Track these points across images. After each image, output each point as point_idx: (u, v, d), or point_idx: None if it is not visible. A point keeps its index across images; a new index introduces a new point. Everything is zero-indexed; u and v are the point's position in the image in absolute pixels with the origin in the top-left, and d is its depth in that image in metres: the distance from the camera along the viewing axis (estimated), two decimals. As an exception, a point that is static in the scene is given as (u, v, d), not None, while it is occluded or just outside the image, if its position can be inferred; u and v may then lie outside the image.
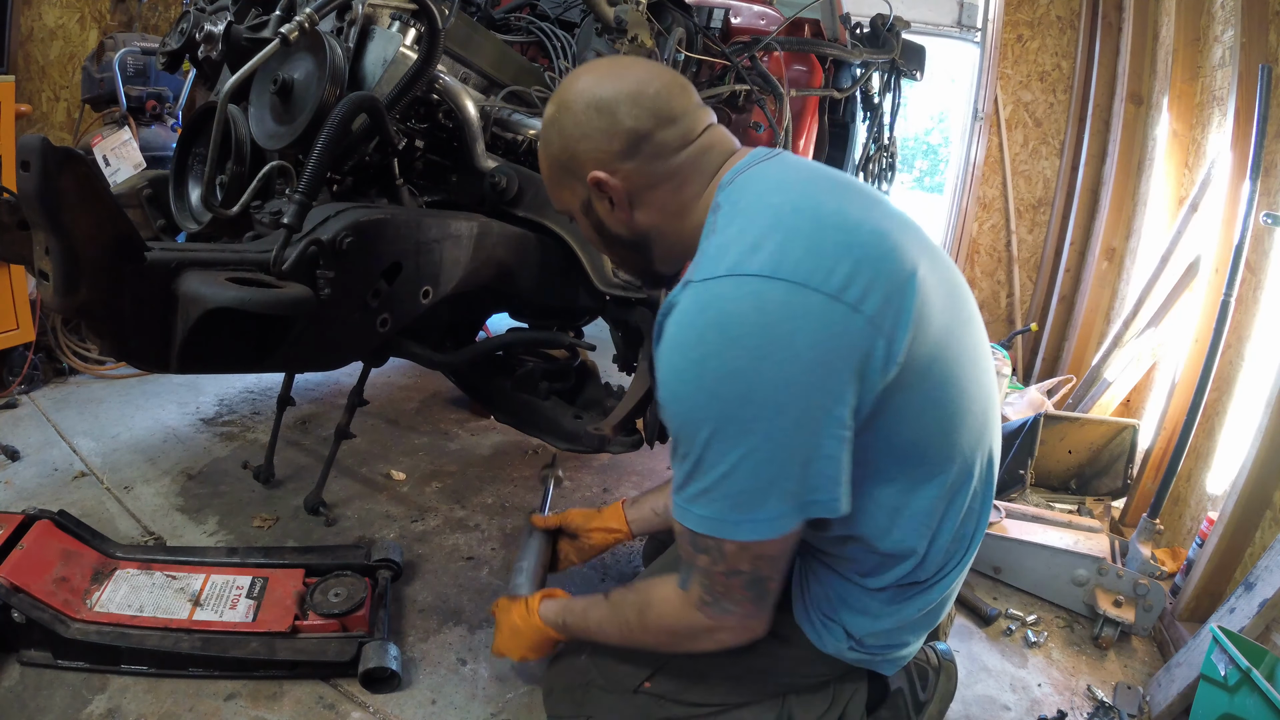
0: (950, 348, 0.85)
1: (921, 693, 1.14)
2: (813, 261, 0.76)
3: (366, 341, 1.18)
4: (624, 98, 0.88)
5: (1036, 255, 3.88)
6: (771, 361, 0.73)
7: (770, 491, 0.77)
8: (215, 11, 1.44)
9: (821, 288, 0.75)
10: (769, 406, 0.74)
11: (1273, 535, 1.59)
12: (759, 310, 0.74)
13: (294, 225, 1.01)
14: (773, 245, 0.76)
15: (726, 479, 0.78)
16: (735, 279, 0.76)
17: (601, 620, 1.07)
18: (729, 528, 0.80)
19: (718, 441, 0.76)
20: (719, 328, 0.75)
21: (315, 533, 1.80)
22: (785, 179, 0.86)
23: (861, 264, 0.77)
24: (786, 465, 0.76)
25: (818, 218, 0.80)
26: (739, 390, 0.74)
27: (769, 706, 1.08)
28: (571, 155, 0.91)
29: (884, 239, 0.81)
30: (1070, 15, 3.65)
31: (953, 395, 0.86)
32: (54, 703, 1.22)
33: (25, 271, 2.23)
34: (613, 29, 1.58)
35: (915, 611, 0.98)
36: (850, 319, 0.75)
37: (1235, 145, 2.21)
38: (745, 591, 0.87)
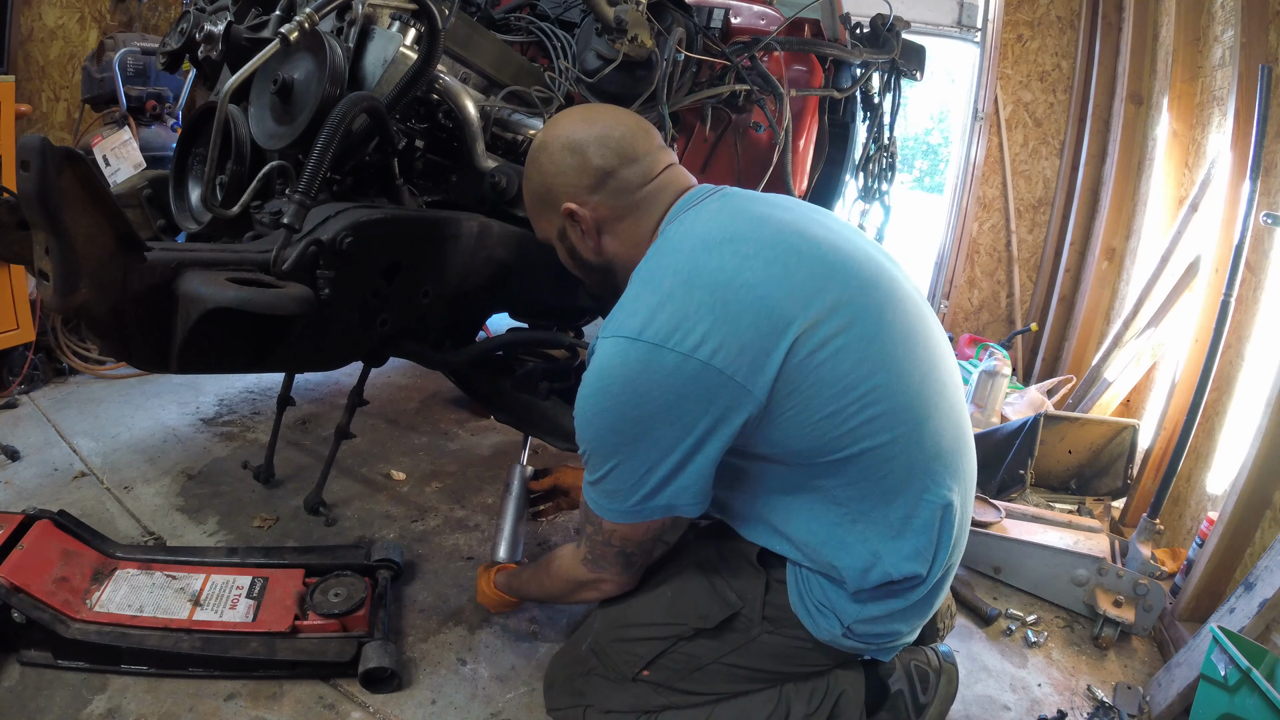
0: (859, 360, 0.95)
1: (922, 695, 1.14)
2: (674, 323, 0.92)
3: (366, 341, 1.19)
4: (593, 140, 1.04)
5: (1036, 255, 3.88)
6: (631, 404, 0.93)
7: (630, 494, 0.98)
8: (215, 11, 1.44)
9: (676, 348, 0.91)
10: (628, 437, 0.95)
11: (1273, 535, 1.59)
12: (624, 367, 0.93)
13: (294, 225, 1.01)
14: (645, 310, 0.94)
15: (603, 480, 1.00)
16: (613, 340, 0.95)
17: (528, 577, 1.32)
18: (604, 510, 1.02)
19: (595, 455, 0.99)
20: (598, 376, 0.95)
21: (315, 533, 1.80)
22: (689, 238, 0.99)
23: (719, 321, 0.91)
24: (642, 478, 0.97)
25: (691, 279, 0.94)
26: (608, 423, 0.96)
27: (766, 696, 1.09)
28: (549, 189, 1.07)
29: (750, 291, 0.93)
30: (1070, 15, 3.65)
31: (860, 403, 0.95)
32: (54, 703, 1.22)
33: (25, 271, 2.23)
34: (613, 29, 1.58)
35: (901, 604, 1.02)
36: (700, 371, 0.91)
37: (1235, 145, 2.21)
38: (615, 559, 1.10)
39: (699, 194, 1.06)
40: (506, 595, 1.40)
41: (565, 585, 1.21)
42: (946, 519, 1.01)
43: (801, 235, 0.99)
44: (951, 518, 1.01)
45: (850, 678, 1.10)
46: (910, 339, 1.00)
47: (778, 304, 0.93)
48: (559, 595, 1.27)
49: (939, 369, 1.03)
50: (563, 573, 1.20)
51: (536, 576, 1.30)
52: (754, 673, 1.09)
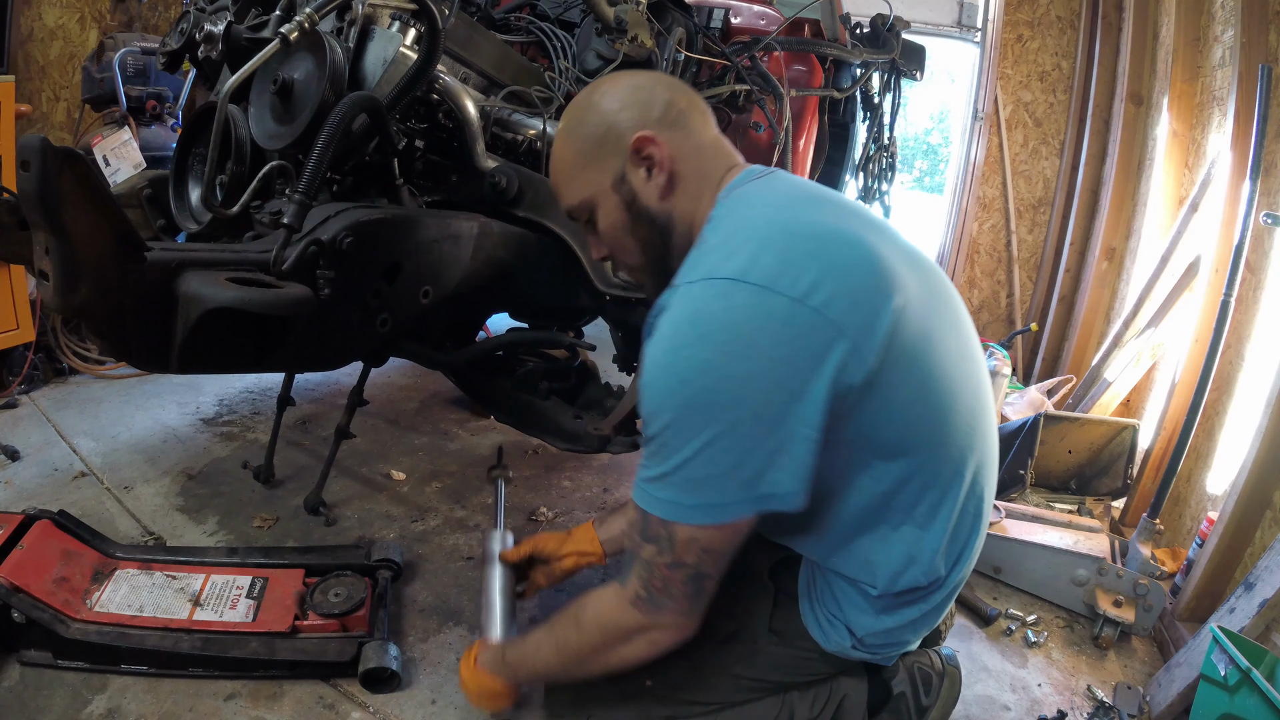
0: (932, 352, 0.89)
1: (924, 697, 1.13)
2: (780, 267, 0.81)
3: (366, 341, 1.18)
4: (656, 80, 0.98)
5: (1036, 255, 3.88)
6: (737, 357, 0.79)
7: (727, 479, 0.81)
8: (215, 11, 1.44)
9: (786, 291, 0.79)
10: (732, 398, 0.79)
11: (1273, 535, 1.59)
12: (727, 310, 0.80)
13: (294, 225, 1.01)
14: (746, 253, 0.82)
15: (687, 464, 0.81)
16: (709, 281, 0.82)
17: (540, 640, 1.06)
18: (683, 511, 0.84)
19: (683, 427, 0.81)
20: (691, 324, 0.81)
21: (315, 533, 1.80)
22: (770, 197, 0.91)
23: (829, 270, 0.81)
24: (745, 455, 0.80)
25: (790, 228, 0.85)
26: (706, 381, 0.79)
27: (770, 703, 1.09)
28: (609, 126, 0.95)
29: (855, 247, 0.85)
30: (1070, 15, 3.65)
31: (935, 395, 0.89)
32: (54, 703, 1.22)
33: (25, 271, 2.23)
34: (613, 29, 1.58)
35: (916, 613, 1.01)
36: (814, 321, 0.79)
37: (1235, 145, 2.21)
38: (684, 587, 0.89)
39: (754, 172, 0.97)
40: (500, 681, 1.12)
41: (603, 638, 0.96)
42: (976, 526, 1.00)
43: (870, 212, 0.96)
44: (981, 526, 1.01)
45: (853, 682, 1.10)
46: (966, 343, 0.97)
47: (881, 263, 0.85)
48: (588, 656, 1.00)
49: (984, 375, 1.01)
50: (601, 621, 0.96)
51: (554, 637, 1.04)
52: (758, 682, 1.08)
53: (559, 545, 1.35)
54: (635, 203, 0.96)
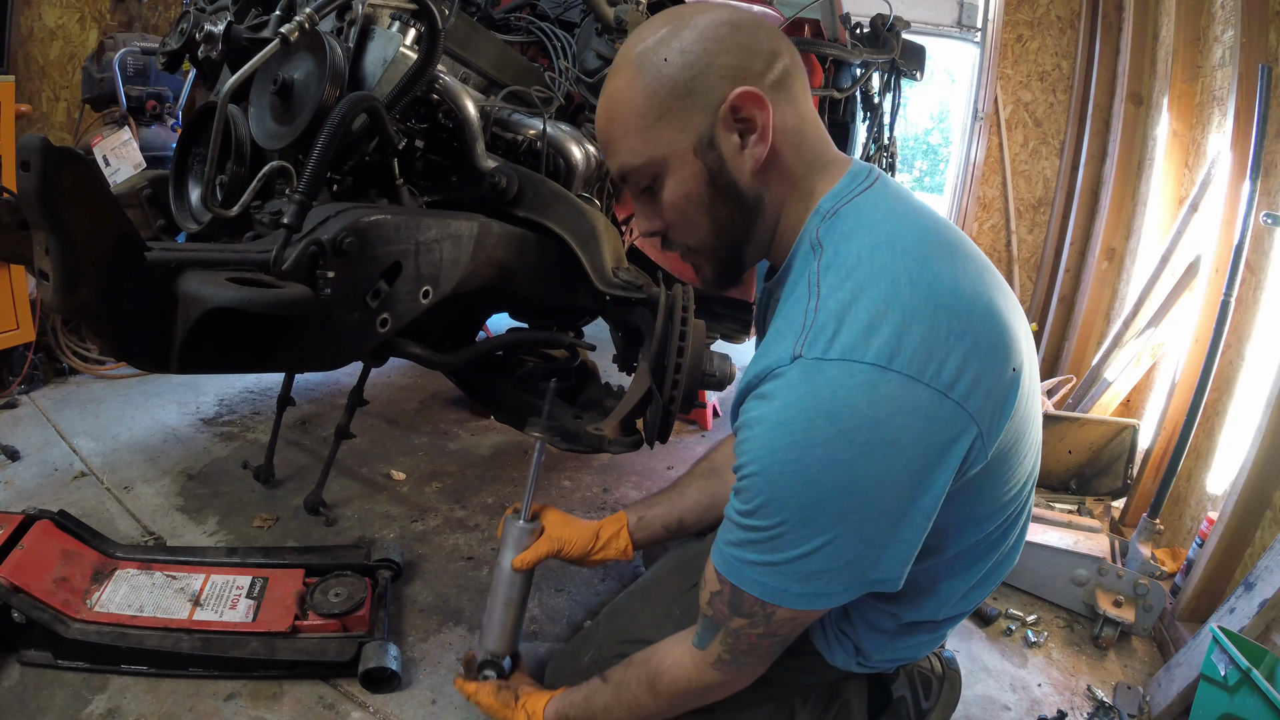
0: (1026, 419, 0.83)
1: (924, 701, 1.13)
2: (927, 352, 0.71)
3: (366, 341, 1.18)
4: (758, 24, 0.77)
5: (1036, 255, 3.89)
6: (877, 459, 0.71)
7: (844, 572, 0.76)
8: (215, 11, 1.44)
9: (933, 383, 0.71)
10: (865, 500, 0.72)
11: (1273, 535, 1.59)
12: (871, 405, 0.70)
13: (294, 225, 1.01)
14: (889, 329, 0.71)
15: (804, 560, 0.75)
16: (848, 364, 0.70)
17: (608, 704, 1.02)
18: (790, 598, 0.78)
19: (805, 525, 0.74)
20: (830, 417, 0.70)
21: (315, 533, 1.80)
22: (897, 232, 0.77)
23: (971, 355, 0.73)
24: (866, 552, 0.75)
25: (934, 296, 0.73)
26: (840, 483, 0.71)
27: (772, 708, 1.09)
28: (699, 74, 0.76)
29: (994, 322, 0.76)
30: (1070, 15, 3.65)
31: (1015, 463, 0.85)
32: (54, 703, 1.22)
33: (25, 271, 2.23)
34: (613, 29, 1.58)
35: (927, 638, 1.01)
36: (954, 416, 0.72)
37: (1235, 145, 2.21)
38: (771, 649, 0.87)
39: (858, 175, 0.83)
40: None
41: (682, 701, 0.95)
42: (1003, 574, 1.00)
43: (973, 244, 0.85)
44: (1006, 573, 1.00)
45: (853, 687, 1.10)
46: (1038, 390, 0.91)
47: (1012, 339, 0.76)
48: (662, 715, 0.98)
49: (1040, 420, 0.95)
50: (680, 688, 0.93)
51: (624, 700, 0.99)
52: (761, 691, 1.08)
53: (585, 550, 1.25)
54: (722, 174, 0.79)
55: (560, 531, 1.24)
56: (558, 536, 1.23)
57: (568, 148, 1.53)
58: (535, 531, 1.24)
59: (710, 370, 1.34)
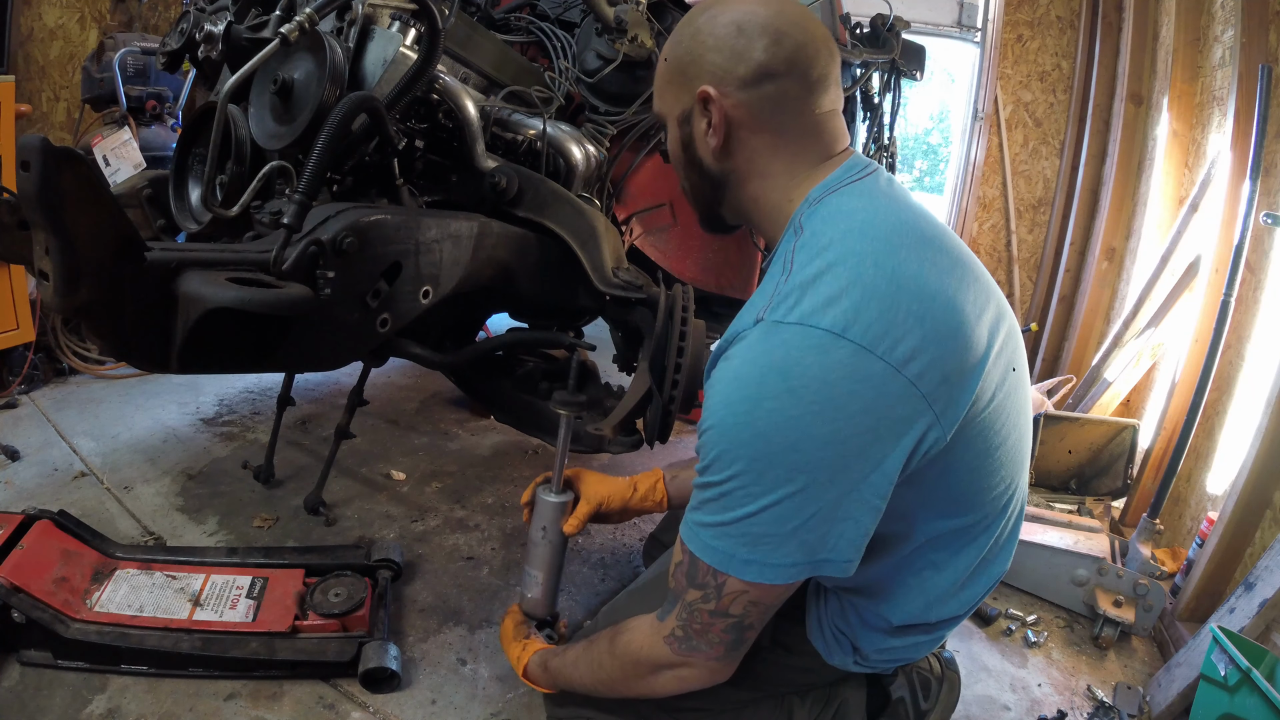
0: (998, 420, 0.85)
1: (923, 702, 1.13)
2: (882, 328, 0.74)
3: (366, 341, 1.18)
4: (770, 30, 0.84)
5: (1036, 255, 3.88)
6: (824, 420, 0.73)
7: (790, 540, 0.77)
8: (215, 11, 1.44)
9: (886, 356, 0.74)
10: (812, 460, 0.74)
11: (1273, 535, 1.59)
12: (822, 367, 0.73)
13: (294, 225, 1.01)
14: (848, 303, 0.75)
15: (750, 519, 0.77)
16: (805, 329, 0.75)
17: (578, 658, 1.06)
18: (738, 565, 0.79)
19: (752, 482, 0.76)
20: (781, 373, 0.74)
21: (315, 533, 1.80)
22: (871, 224, 0.82)
23: (929, 339, 0.76)
24: (813, 520, 0.76)
25: (896, 280, 0.77)
26: (788, 439, 0.74)
27: (769, 708, 1.09)
28: (693, 60, 0.88)
29: (955, 314, 0.79)
30: (1070, 15, 3.65)
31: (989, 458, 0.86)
32: (54, 703, 1.22)
33: (25, 271, 2.23)
34: (613, 29, 1.58)
35: (925, 639, 1.01)
36: (906, 392, 0.75)
37: (1235, 145, 2.21)
38: (723, 635, 0.86)
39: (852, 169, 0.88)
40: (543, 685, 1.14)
41: (634, 668, 0.95)
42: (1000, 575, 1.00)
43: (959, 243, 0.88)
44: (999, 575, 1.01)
45: (851, 688, 1.10)
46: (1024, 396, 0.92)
47: (974, 334, 0.80)
48: (618, 681, 0.99)
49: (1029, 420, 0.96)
50: (632, 652, 0.95)
51: (590, 657, 1.03)
52: (758, 690, 1.08)
53: (624, 502, 1.27)
54: (691, 147, 0.92)
55: (597, 488, 1.26)
56: (595, 494, 1.25)
57: (568, 148, 1.53)
58: (570, 499, 1.25)
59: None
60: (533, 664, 1.15)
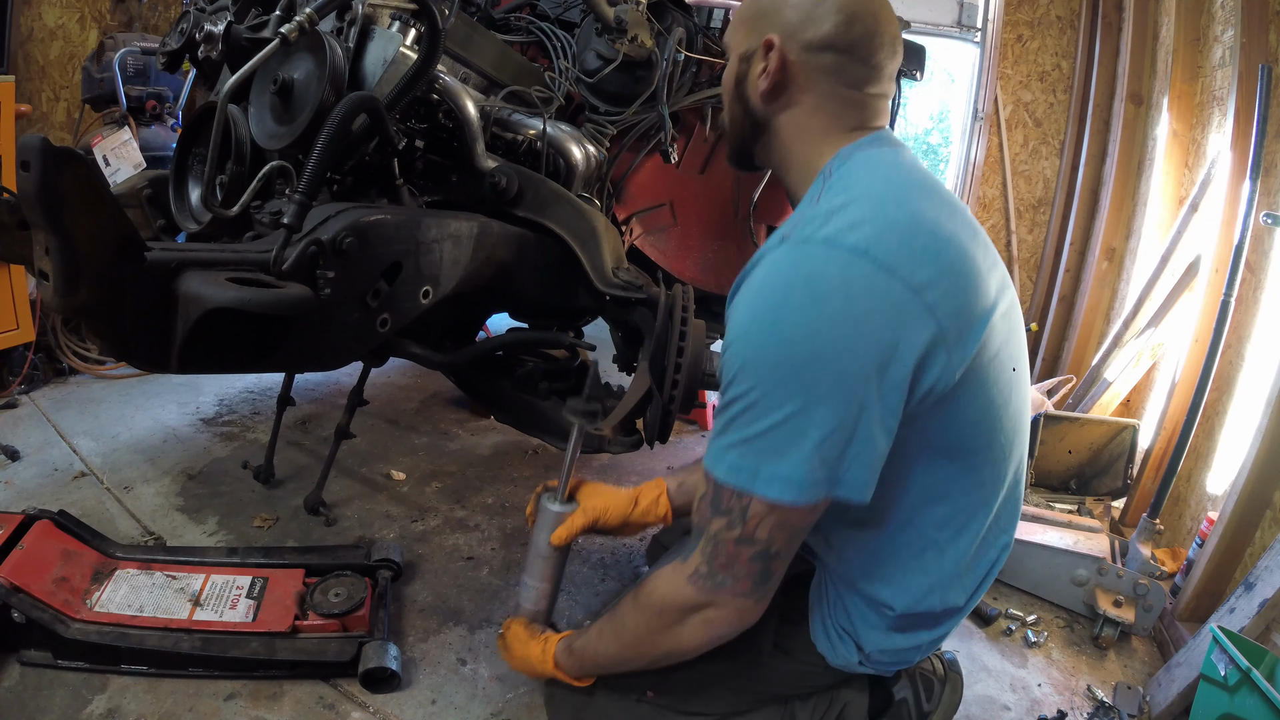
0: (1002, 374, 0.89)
1: (926, 703, 1.13)
2: (903, 254, 0.79)
3: (366, 341, 1.18)
4: (847, 10, 0.90)
5: (1036, 255, 3.88)
6: (847, 330, 0.76)
7: (812, 455, 0.78)
8: (215, 11, 1.44)
9: (906, 279, 0.78)
10: (834, 369, 0.76)
11: (1273, 535, 1.59)
12: (845, 281, 0.77)
13: (294, 225, 1.01)
14: (871, 229, 0.80)
15: (772, 431, 0.78)
16: (830, 247, 0.79)
17: (602, 626, 1.04)
18: (761, 483, 0.80)
19: (775, 390, 0.78)
20: (806, 285, 0.78)
21: (315, 533, 1.80)
22: (894, 175, 0.89)
23: (945, 273, 0.80)
24: (833, 433, 0.77)
25: (915, 219, 0.83)
26: (811, 347, 0.76)
27: (772, 713, 1.08)
28: (773, 8, 0.94)
29: (969, 261, 0.84)
30: (1070, 15, 3.64)
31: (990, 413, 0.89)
32: (54, 703, 1.22)
33: (25, 271, 2.23)
34: (613, 29, 1.58)
35: (929, 636, 1.01)
36: (923, 317, 0.78)
37: (1235, 145, 2.21)
38: (749, 565, 0.84)
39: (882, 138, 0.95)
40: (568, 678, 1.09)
41: (659, 618, 0.92)
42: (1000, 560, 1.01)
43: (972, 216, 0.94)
44: (1003, 560, 1.01)
45: (854, 691, 1.09)
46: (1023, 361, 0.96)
47: (985, 281, 0.85)
48: (644, 639, 0.96)
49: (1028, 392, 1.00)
50: (656, 600, 0.92)
51: (614, 621, 1.00)
52: (760, 695, 1.08)
53: (623, 517, 1.21)
54: (743, 84, 0.98)
55: (595, 501, 1.20)
56: (592, 507, 1.19)
57: (568, 148, 1.53)
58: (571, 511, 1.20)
59: (710, 370, 1.34)
60: (559, 651, 1.10)
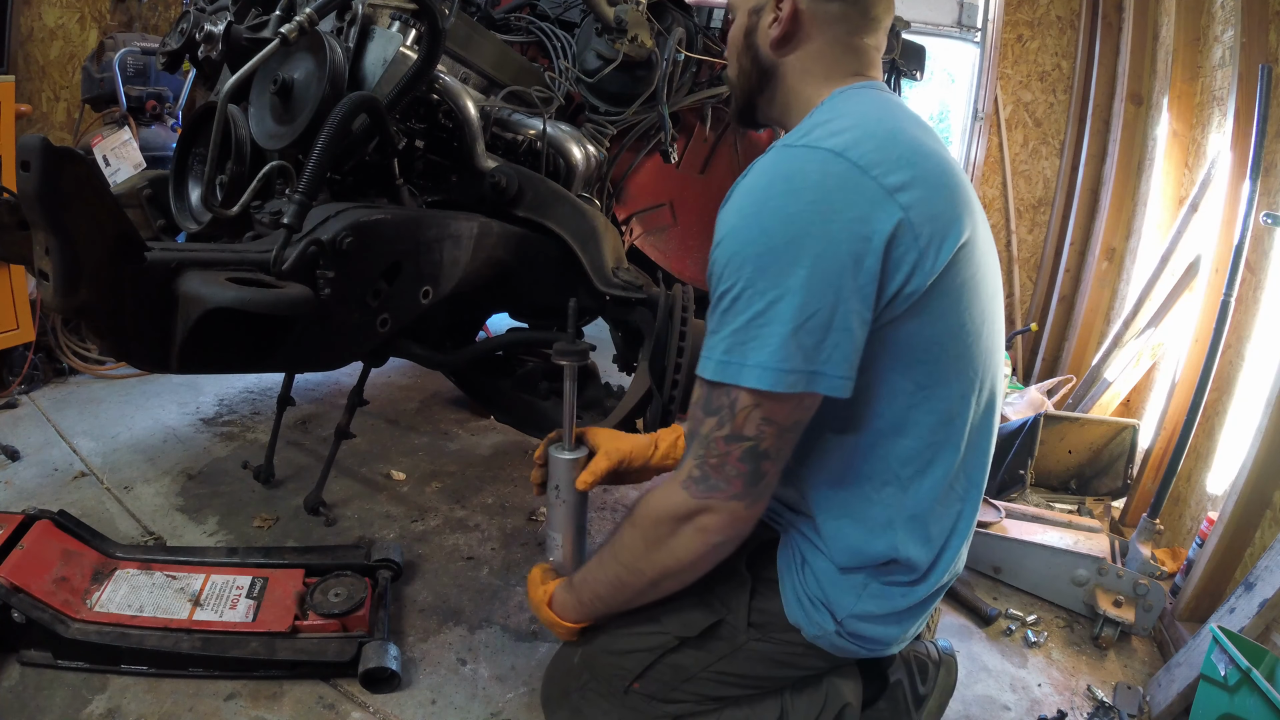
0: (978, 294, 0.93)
1: (921, 686, 1.13)
2: (878, 157, 0.84)
3: (366, 341, 1.19)
4: None
5: (1036, 255, 3.88)
6: (822, 218, 0.81)
7: (790, 341, 0.81)
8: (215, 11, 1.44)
9: (879, 179, 0.83)
10: (810, 255, 0.81)
11: (1273, 535, 1.59)
12: (822, 174, 0.83)
13: (294, 225, 1.01)
14: (850, 135, 0.86)
15: (758, 318, 0.82)
16: (810, 148, 0.86)
17: (600, 555, 1.03)
18: (746, 371, 0.82)
19: (757, 280, 0.82)
20: (785, 179, 0.84)
21: (315, 533, 1.80)
22: (883, 103, 0.96)
23: (920, 180, 0.85)
24: (810, 320, 0.81)
25: (895, 133, 0.89)
26: (789, 232, 0.81)
27: (768, 706, 1.08)
28: None
29: (946, 173, 0.89)
30: (1070, 15, 3.64)
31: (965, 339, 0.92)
32: (54, 703, 1.22)
33: (25, 271, 2.23)
34: (613, 29, 1.58)
35: (901, 602, 0.98)
36: (894, 215, 0.82)
37: (1235, 145, 2.21)
38: (740, 465, 0.86)
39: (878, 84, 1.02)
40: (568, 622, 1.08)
41: (655, 529, 0.92)
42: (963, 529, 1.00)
43: None
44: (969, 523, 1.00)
45: (845, 677, 1.09)
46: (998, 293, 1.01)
47: (962, 196, 0.90)
48: (641, 557, 0.95)
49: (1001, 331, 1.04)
50: (651, 511, 0.93)
51: (612, 542, 1.00)
52: (744, 679, 1.06)
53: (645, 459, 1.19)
54: (753, 34, 1.03)
55: (617, 444, 1.18)
56: (615, 449, 1.17)
57: (568, 148, 1.53)
58: (585, 456, 1.17)
59: (710, 370, 1.34)
60: (557, 593, 1.09)
